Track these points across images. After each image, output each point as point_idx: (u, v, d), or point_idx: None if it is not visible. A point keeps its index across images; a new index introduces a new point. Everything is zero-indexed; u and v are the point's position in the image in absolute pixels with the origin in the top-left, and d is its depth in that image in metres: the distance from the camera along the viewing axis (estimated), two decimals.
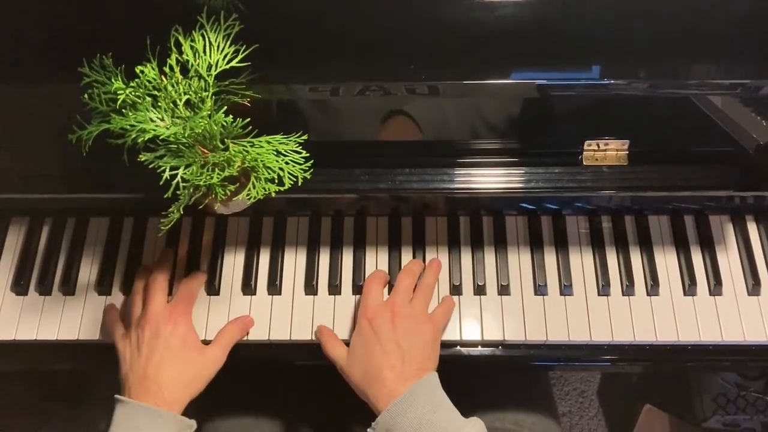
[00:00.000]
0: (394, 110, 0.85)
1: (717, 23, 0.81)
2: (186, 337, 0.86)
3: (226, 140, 0.70)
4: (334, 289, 0.94)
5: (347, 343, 0.88)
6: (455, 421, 0.78)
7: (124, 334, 0.87)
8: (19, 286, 0.95)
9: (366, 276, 0.94)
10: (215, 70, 0.68)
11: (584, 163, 0.87)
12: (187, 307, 0.89)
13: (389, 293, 0.91)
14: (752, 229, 0.97)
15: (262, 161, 0.69)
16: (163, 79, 0.68)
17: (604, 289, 0.93)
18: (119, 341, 0.87)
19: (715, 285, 0.93)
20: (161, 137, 0.66)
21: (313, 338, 0.91)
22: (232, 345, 0.89)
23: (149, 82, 0.68)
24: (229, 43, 0.69)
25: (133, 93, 0.67)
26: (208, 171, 0.68)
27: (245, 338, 0.92)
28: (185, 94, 0.68)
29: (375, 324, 0.84)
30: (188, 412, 0.83)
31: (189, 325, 0.88)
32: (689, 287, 0.93)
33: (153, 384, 0.81)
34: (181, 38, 0.68)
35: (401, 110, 0.85)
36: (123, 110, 0.67)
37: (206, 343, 0.89)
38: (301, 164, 0.70)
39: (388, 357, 0.81)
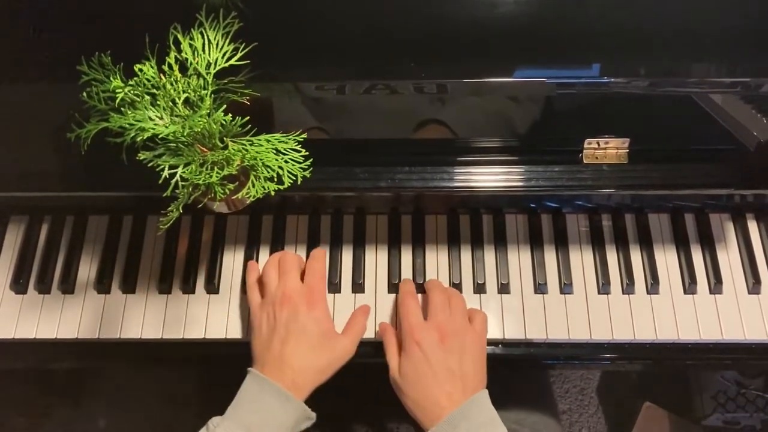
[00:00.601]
0: (394, 109, 0.85)
1: (718, 21, 0.81)
2: (323, 323, 0.85)
3: (225, 139, 0.69)
4: (334, 287, 0.94)
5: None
6: None
7: (262, 305, 0.87)
8: (19, 285, 0.95)
9: (365, 274, 0.94)
10: (214, 69, 0.68)
11: (584, 162, 0.86)
12: (322, 288, 0.89)
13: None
14: (753, 227, 0.97)
15: (261, 160, 0.69)
16: (162, 77, 0.68)
17: (604, 287, 0.93)
18: (257, 311, 0.87)
19: (716, 283, 0.93)
20: (160, 136, 0.66)
21: None
22: (361, 336, 0.89)
23: (148, 80, 0.67)
24: (228, 41, 0.68)
25: (132, 91, 0.67)
26: (207, 169, 0.67)
27: (241, 337, 0.92)
28: (184, 92, 0.67)
29: (424, 347, 0.82)
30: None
31: (326, 311, 0.87)
32: (689, 285, 0.93)
33: (288, 368, 0.80)
34: (180, 36, 0.68)
35: (401, 109, 0.85)
36: (122, 109, 0.67)
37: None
38: (300, 163, 0.70)
39: (443, 386, 0.80)
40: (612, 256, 0.95)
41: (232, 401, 0.79)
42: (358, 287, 0.94)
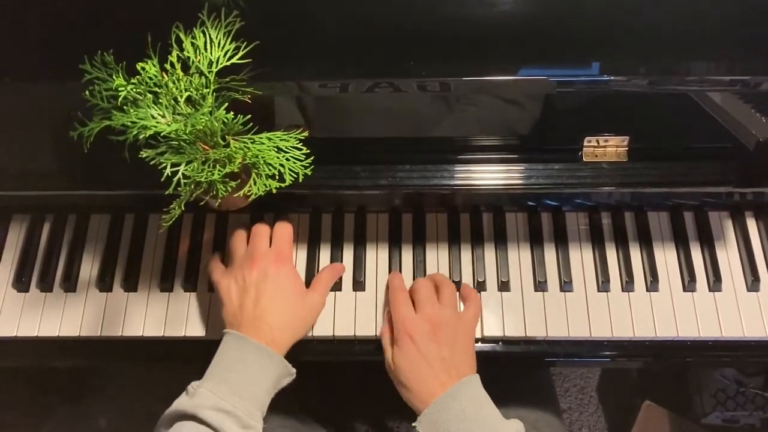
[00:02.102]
0: (395, 107, 0.85)
1: (717, 19, 0.81)
2: (293, 280, 0.87)
3: (227, 137, 0.70)
4: (335, 285, 0.94)
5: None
6: (498, 418, 0.79)
7: (228, 272, 0.88)
8: (21, 283, 0.95)
9: (366, 272, 0.94)
10: (216, 67, 0.69)
11: (584, 160, 0.87)
12: (289, 250, 0.90)
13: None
14: (751, 225, 0.97)
15: (262, 158, 0.69)
16: (164, 76, 0.68)
17: (603, 285, 0.93)
18: (222, 278, 0.88)
19: (715, 281, 0.93)
20: (162, 134, 0.66)
21: (313, 335, 0.91)
22: (329, 289, 0.91)
23: (150, 78, 0.68)
24: (229, 39, 0.69)
25: (134, 90, 0.67)
26: (209, 167, 0.68)
27: None
28: (186, 90, 0.68)
29: (417, 340, 0.83)
30: None
31: (294, 269, 0.89)
32: (689, 283, 0.93)
33: (264, 325, 0.81)
34: (182, 35, 0.68)
35: (402, 107, 0.85)
36: (124, 107, 0.67)
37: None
38: (301, 161, 0.71)
39: (438, 377, 0.81)
40: (612, 254, 0.95)
41: (211, 362, 0.79)
42: (359, 285, 0.94)
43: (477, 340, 0.92)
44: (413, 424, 0.79)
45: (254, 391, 0.77)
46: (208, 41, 0.68)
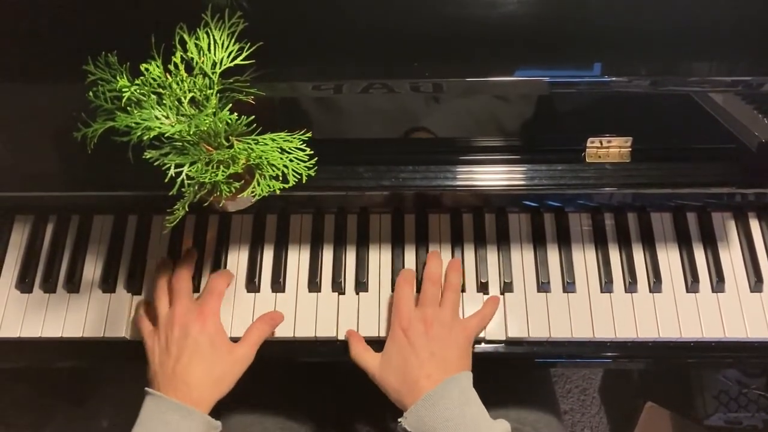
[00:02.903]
0: (398, 108, 0.85)
1: (719, 20, 0.81)
2: (215, 337, 0.86)
3: (230, 138, 0.70)
4: (337, 286, 0.94)
5: (366, 341, 0.89)
6: (485, 418, 0.79)
7: (153, 332, 0.87)
8: (24, 284, 0.95)
9: (369, 273, 0.95)
10: (220, 68, 0.69)
11: (587, 161, 0.87)
12: (215, 305, 0.89)
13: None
14: (754, 225, 0.97)
15: (266, 158, 0.69)
16: (168, 76, 0.68)
17: (606, 286, 0.93)
18: (148, 338, 0.87)
19: (718, 282, 0.93)
20: (166, 135, 0.66)
21: (317, 335, 0.92)
22: (261, 342, 0.89)
23: (154, 79, 0.68)
24: (233, 40, 0.69)
25: (138, 91, 0.67)
26: (212, 168, 0.68)
27: None
28: (190, 91, 0.68)
29: (410, 334, 0.84)
30: None
31: (217, 324, 0.88)
32: (692, 284, 0.93)
33: (182, 383, 0.81)
34: (185, 36, 0.68)
35: (405, 108, 0.85)
36: (128, 108, 0.67)
37: None
38: (305, 161, 0.71)
39: (423, 368, 0.81)
40: (615, 255, 0.95)
41: (134, 425, 0.80)
42: (361, 286, 0.94)
43: (479, 341, 0.92)
44: (399, 420, 0.80)
45: None
46: (212, 42, 0.69)
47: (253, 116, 0.70)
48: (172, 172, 0.66)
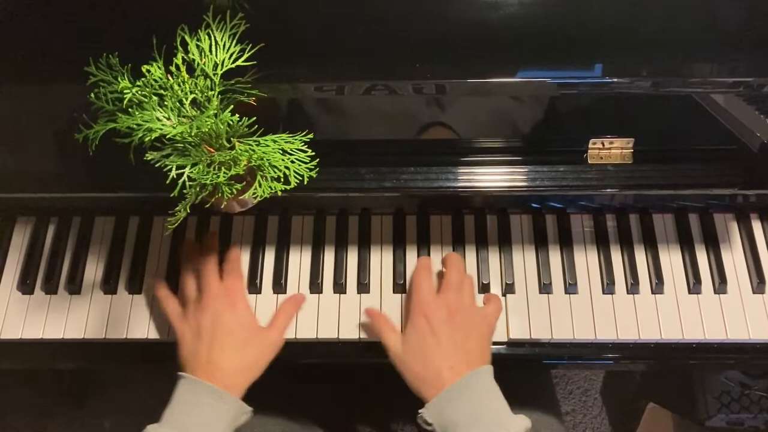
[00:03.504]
0: (399, 109, 0.85)
1: (720, 21, 0.81)
2: (246, 321, 0.87)
3: (232, 139, 0.70)
4: (339, 287, 0.94)
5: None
6: (507, 413, 0.79)
7: (182, 315, 0.88)
8: (26, 285, 0.95)
9: (371, 274, 0.95)
10: (221, 69, 0.68)
11: (589, 162, 0.87)
12: (241, 286, 0.90)
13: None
14: (757, 227, 0.97)
15: (268, 160, 0.69)
16: (170, 78, 0.68)
17: (608, 287, 0.93)
18: (178, 322, 0.87)
19: (720, 283, 0.93)
20: (168, 136, 0.66)
21: (318, 337, 0.91)
22: (288, 326, 0.90)
23: (155, 81, 0.68)
24: (234, 42, 0.69)
25: (139, 92, 0.67)
26: (214, 170, 0.68)
27: None
28: (191, 93, 0.68)
29: (432, 321, 0.84)
30: None
31: (248, 309, 0.89)
32: (694, 285, 0.93)
33: (216, 369, 0.81)
34: (187, 37, 0.68)
35: (406, 109, 0.85)
36: (129, 109, 0.67)
37: None
38: (306, 163, 0.70)
39: (447, 359, 0.81)
40: (616, 256, 0.95)
41: (167, 406, 0.80)
42: (363, 287, 0.94)
43: None
44: (420, 411, 0.80)
45: None
46: (213, 43, 0.69)
47: (255, 117, 0.70)
48: (173, 173, 0.66)
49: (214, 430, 0.78)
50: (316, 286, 0.94)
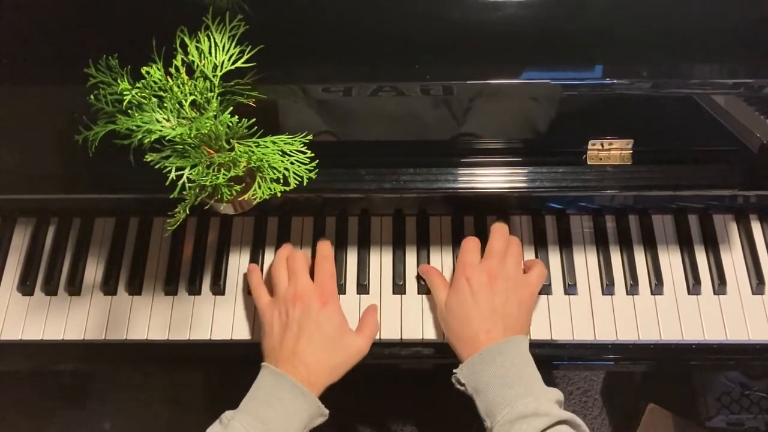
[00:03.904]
0: (399, 110, 0.85)
1: (721, 22, 0.81)
2: (336, 321, 0.86)
3: (231, 141, 0.70)
4: (339, 288, 0.94)
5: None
6: (539, 381, 0.79)
7: (271, 304, 0.87)
8: (25, 286, 0.95)
9: (370, 275, 0.95)
10: (221, 71, 0.69)
11: (588, 163, 0.87)
12: (334, 286, 0.90)
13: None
14: (756, 228, 0.97)
15: (267, 161, 0.69)
16: (169, 79, 0.68)
17: (608, 288, 0.93)
18: (267, 310, 0.87)
19: (720, 284, 0.93)
20: (167, 138, 0.66)
21: None
22: (374, 335, 0.89)
23: (155, 82, 0.68)
24: (234, 43, 0.69)
25: (139, 94, 0.67)
26: (213, 171, 0.68)
27: (247, 338, 0.92)
28: (191, 94, 0.68)
29: (473, 283, 0.85)
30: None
31: (339, 308, 0.88)
32: (693, 286, 0.93)
33: (301, 364, 0.81)
34: (186, 39, 0.68)
35: (406, 110, 0.85)
36: (129, 111, 0.67)
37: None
38: (306, 164, 0.71)
39: (484, 322, 0.82)
40: (616, 257, 0.95)
41: (247, 395, 0.79)
42: (362, 288, 0.94)
43: None
44: (454, 371, 0.81)
45: (286, 429, 0.77)
46: (213, 45, 0.69)
47: (254, 119, 0.70)
48: (173, 175, 0.66)
49: (292, 425, 0.77)
50: None
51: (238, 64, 0.69)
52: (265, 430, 0.75)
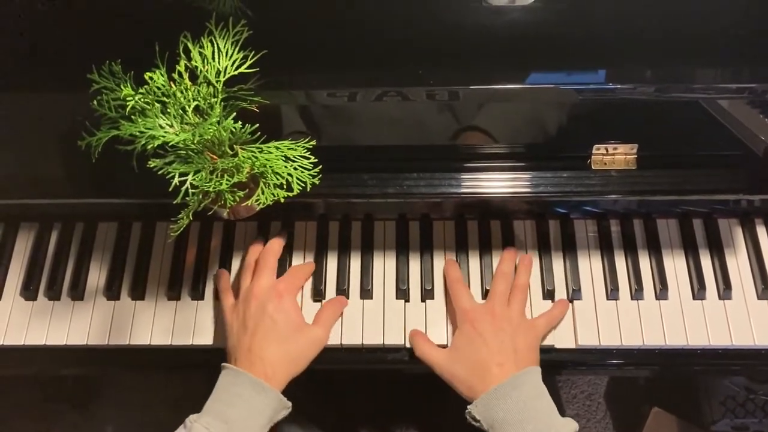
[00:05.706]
0: (402, 115, 0.85)
1: (725, 27, 0.81)
2: (290, 315, 0.87)
3: (234, 146, 0.70)
4: (342, 293, 0.94)
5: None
6: (555, 414, 0.79)
7: (233, 306, 0.89)
8: (29, 291, 0.95)
9: (374, 280, 0.94)
10: (224, 77, 0.68)
11: (593, 167, 0.86)
12: (293, 286, 0.90)
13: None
14: (761, 232, 0.97)
15: (270, 167, 0.69)
16: (172, 85, 0.68)
17: (612, 293, 0.93)
18: (228, 313, 0.89)
19: (725, 289, 0.92)
20: (170, 143, 0.66)
21: None
22: (333, 324, 0.90)
23: (158, 88, 0.68)
24: (237, 49, 0.69)
25: (142, 99, 0.67)
26: (217, 177, 0.68)
27: None
28: (194, 100, 0.68)
29: (478, 326, 0.85)
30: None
31: (294, 303, 0.89)
32: (698, 291, 0.92)
33: (257, 359, 0.82)
34: (189, 45, 0.68)
35: (409, 115, 0.85)
36: (132, 117, 0.67)
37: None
38: (309, 169, 0.70)
39: (494, 357, 0.82)
40: (620, 262, 0.95)
41: (210, 397, 0.80)
42: (366, 293, 0.94)
43: None
44: (468, 407, 0.80)
45: (249, 426, 0.78)
46: (216, 50, 0.68)
47: (258, 124, 0.70)
48: (176, 180, 0.66)
49: (255, 421, 0.78)
50: (318, 293, 0.94)
51: (241, 69, 0.69)
52: (227, 429, 0.75)
